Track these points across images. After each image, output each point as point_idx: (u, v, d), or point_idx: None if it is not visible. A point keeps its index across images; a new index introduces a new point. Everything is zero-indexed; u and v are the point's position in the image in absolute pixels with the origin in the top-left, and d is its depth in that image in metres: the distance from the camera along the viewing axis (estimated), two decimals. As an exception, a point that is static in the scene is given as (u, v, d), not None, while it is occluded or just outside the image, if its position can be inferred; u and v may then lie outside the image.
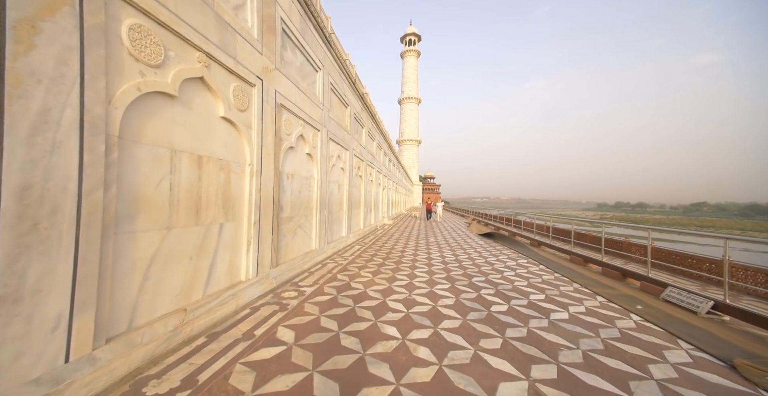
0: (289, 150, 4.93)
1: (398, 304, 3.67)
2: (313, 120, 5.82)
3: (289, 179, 4.98)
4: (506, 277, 5.11)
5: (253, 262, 3.74)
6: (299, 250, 5.42)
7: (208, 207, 3.03)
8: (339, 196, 8.13)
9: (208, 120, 3.04)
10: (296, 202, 5.27)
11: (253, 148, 3.74)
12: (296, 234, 5.28)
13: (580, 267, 6.15)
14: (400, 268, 5.67)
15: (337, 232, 7.93)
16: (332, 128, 7.12)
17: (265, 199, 4.02)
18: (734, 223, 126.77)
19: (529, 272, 5.55)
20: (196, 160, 2.85)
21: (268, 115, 4.08)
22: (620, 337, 2.93)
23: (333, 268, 5.54)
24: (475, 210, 22.90)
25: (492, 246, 8.87)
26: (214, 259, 3.13)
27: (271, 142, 4.19)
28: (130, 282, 2.21)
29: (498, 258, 6.92)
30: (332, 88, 7.15)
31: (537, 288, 4.51)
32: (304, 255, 5.53)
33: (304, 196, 5.60)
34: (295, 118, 5.05)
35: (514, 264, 6.28)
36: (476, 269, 5.69)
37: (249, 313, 3.24)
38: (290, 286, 4.26)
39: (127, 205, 2.18)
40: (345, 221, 8.61)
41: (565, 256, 7.37)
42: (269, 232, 4.13)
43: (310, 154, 5.81)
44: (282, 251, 4.72)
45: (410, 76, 62.13)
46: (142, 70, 2.26)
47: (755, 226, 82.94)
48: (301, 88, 5.24)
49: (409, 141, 60.64)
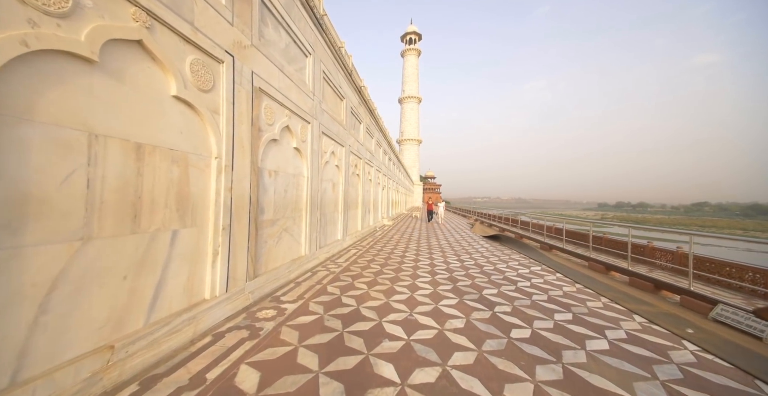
0: (271, 143, 4.28)
1: (397, 327, 3.01)
2: (302, 110, 5.17)
3: (272, 176, 4.33)
4: (522, 289, 4.44)
5: (221, 276, 3.09)
6: (285, 257, 4.77)
7: (154, 210, 2.37)
8: (333, 196, 7.48)
9: (154, 99, 2.38)
10: (281, 203, 4.61)
11: (221, 138, 3.09)
12: (281, 239, 4.63)
13: (601, 276, 5.49)
14: (399, 277, 5.01)
15: (331, 236, 7.27)
16: (325, 121, 6.47)
17: (239, 199, 3.37)
18: (736, 223, 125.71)
19: (546, 282, 4.89)
20: (134, 150, 2.20)
21: (242, 100, 3.42)
22: (683, 377, 2.27)
23: (324, 277, 4.88)
24: (477, 210, 22.22)
25: (499, 250, 8.21)
26: (164, 276, 2.48)
27: (247, 133, 3.53)
28: (13, 319, 1.56)
29: (508, 264, 6.25)
30: (325, 77, 6.50)
31: (560, 304, 3.85)
32: (291, 262, 4.87)
33: (291, 196, 4.95)
34: (278, 106, 4.39)
35: (527, 272, 5.62)
36: (485, 278, 5.03)
37: (209, 342, 2.58)
38: (270, 302, 3.61)
39: (6, 210, 1.52)
40: (340, 223, 7.95)
41: (581, 261, 6.70)
42: (244, 239, 3.48)
43: (298, 149, 5.16)
44: (262, 260, 4.07)
45: (411, 75, 61.47)
46: (33, 18, 1.60)
47: (757, 226, 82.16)
48: (287, 73, 4.58)
49: (409, 140, 59.97)
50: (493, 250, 8.07)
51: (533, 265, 6.20)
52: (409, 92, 60.62)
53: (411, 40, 62.52)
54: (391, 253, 7.35)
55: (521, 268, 5.95)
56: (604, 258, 6.63)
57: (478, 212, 21.46)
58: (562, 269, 5.82)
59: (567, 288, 4.60)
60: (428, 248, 8.20)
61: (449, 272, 5.42)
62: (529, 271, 5.66)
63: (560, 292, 4.35)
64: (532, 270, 5.76)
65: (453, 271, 5.56)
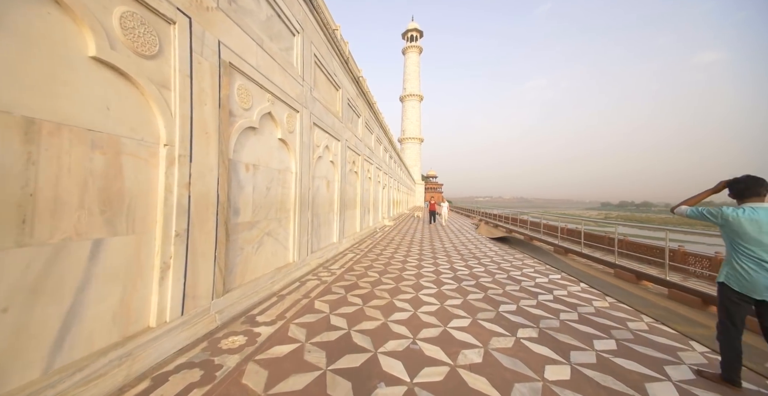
0: (248, 131, 3.61)
1: (396, 362, 2.34)
2: (289, 97, 4.50)
3: (250, 171, 3.67)
4: (545, 304, 3.77)
5: (174, 296, 2.43)
6: (268, 266, 4.11)
7: (59, 212, 1.72)
8: (328, 195, 6.81)
9: (57, 58, 1.72)
10: (263, 203, 3.96)
11: (172, 120, 2.42)
12: (263, 244, 3.97)
13: (632, 286, 4.80)
14: (400, 288, 4.34)
15: (325, 238, 6.61)
16: (318, 111, 5.80)
17: (201, 198, 2.71)
18: None
19: (572, 295, 4.21)
20: (19, 127, 1.54)
21: (205, 75, 2.76)
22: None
23: (313, 288, 4.22)
24: (481, 210, 21.51)
25: (509, 253, 7.52)
26: (78, 302, 1.82)
27: (213, 116, 2.87)
28: None
29: (523, 272, 5.57)
30: (317, 62, 5.83)
31: (595, 325, 3.17)
32: (276, 271, 4.22)
33: (275, 195, 4.29)
34: (257, 88, 3.73)
35: (545, 281, 4.93)
36: (499, 290, 4.35)
37: (145, 390, 1.92)
38: (242, 325, 2.95)
39: None
40: (336, 224, 7.29)
41: (604, 268, 6.01)
42: (209, 247, 2.82)
43: (284, 141, 4.49)
44: (237, 270, 3.41)
45: (412, 72, 60.69)
46: None
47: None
48: (268, 51, 3.92)
49: (411, 139, 59.23)
50: (503, 254, 7.38)
51: (551, 273, 5.52)
52: (411, 90, 59.85)
53: (412, 38, 61.72)
54: (391, 257, 6.68)
55: (538, 276, 5.26)
56: (635, 265, 5.93)
57: (482, 212, 20.75)
58: (586, 278, 5.13)
59: (598, 303, 3.91)
60: (432, 252, 7.53)
61: (457, 282, 4.75)
62: (548, 280, 4.97)
63: (591, 309, 3.66)
64: (551, 279, 5.07)
65: (461, 280, 4.88)
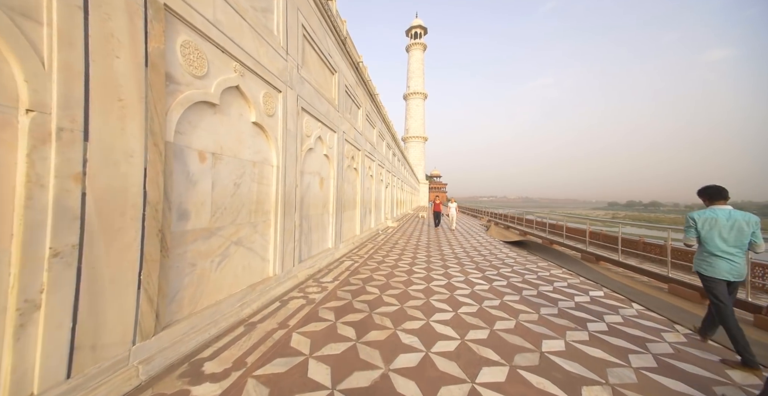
0: (202, 108, 2.71)
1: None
2: (266, 70, 3.60)
3: (207, 161, 2.76)
4: (599, 338, 2.81)
5: (55, 350, 1.54)
6: (237, 284, 3.21)
7: None
8: (322, 194, 5.91)
9: None
10: (228, 203, 3.05)
11: (43, 72, 1.53)
12: (229, 257, 3.07)
13: (697, 306, 3.81)
14: (406, 312, 3.41)
15: (318, 244, 5.71)
16: (308, 95, 4.89)
17: (109, 196, 1.81)
18: None
19: (629, 322, 3.24)
20: None
21: (117, 12, 1.85)
22: None
23: (294, 312, 3.30)
24: (489, 210, 20.44)
25: (531, 261, 6.54)
26: None
27: (134, 77, 1.96)
28: None
29: (554, 286, 4.60)
30: (306, 35, 4.91)
31: (684, 376, 2.21)
32: (249, 289, 3.32)
33: (247, 193, 3.38)
34: (216, 51, 2.82)
35: (587, 300, 3.96)
36: (534, 314, 3.40)
37: None
38: (178, 380, 2.04)
39: None
40: (332, 228, 6.38)
41: (651, 281, 5.02)
42: (128, 267, 1.92)
43: (260, 126, 3.59)
44: (183, 295, 2.51)
45: (416, 70, 59.65)
46: None
47: (781, 226, 78.48)
48: (233, 3, 3.01)
49: (415, 138, 58.21)
50: (524, 262, 6.41)
51: (589, 287, 4.54)
52: (415, 88, 58.84)
53: (416, 34, 60.69)
54: (395, 266, 5.75)
55: (576, 292, 4.29)
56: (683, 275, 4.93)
57: (490, 212, 19.69)
58: (636, 296, 4.15)
59: (669, 335, 2.94)
60: (441, 259, 6.57)
61: (477, 302, 3.80)
62: (590, 299, 4.00)
63: (666, 347, 2.70)
64: (593, 297, 4.10)
65: (481, 299, 3.93)
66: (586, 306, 3.73)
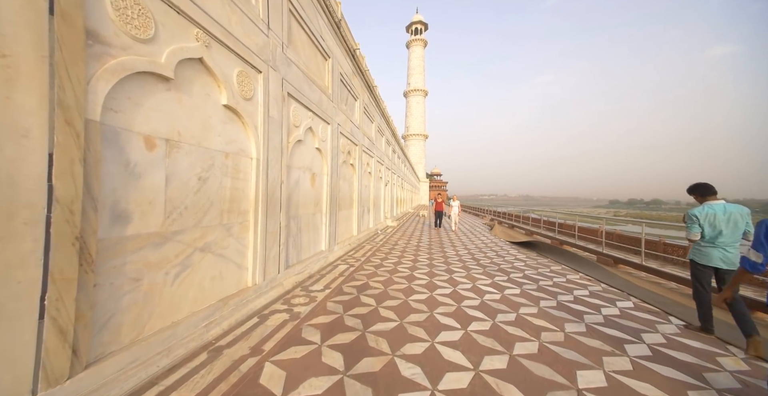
0: (147, 80, 2.15)
1: None
2: (240, 44, 3.04)
3: (158, 149, 2.21)
4: (643, 366, 2.27)
5: None
6: (203, 299, 2.67)
7: None
8: (314, 192, 5.36)
9: None
10: (191, 201, 2.51)
11: None
12: (192, 267, 2.53)
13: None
14: (407, 330, 2.86)
15: (309, 247, 5.17)
16: (295, 79, 4.34)
17: None
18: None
19: (673, 342, 2.69)
20: None
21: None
22: None
23: (273, 331, 2.76)
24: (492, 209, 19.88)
25: (542, 264, 6.00)
26: None
27: (20, 20, 1.41)
28: None
29: (574, 295, 4.05)
30: (293, 10, 4.34)
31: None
32: (221, 304, 2.78)
33: (217, 189, 2.84)
34: (162, 4, 2.25)
35: (615, 313, 3.42)
36: (558, 332, 2.85)
37: None
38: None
39: None
40: (325, 228, 5.84)
41: (677, 286, 4.47)
42: (23, 293, 1.38)
43: (233, 110, 3.04)
44: (121, 320, 1.96)
45: (416, 66, 58.90)
46: None
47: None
48: (195, -42, 2.45)
49: (415, 136, 57.57)
50: (536, 266, 5.86)
51: (617, 297, 3.98)
52: (415, 85, 58.13)
53: (417, 30, 59.89)
54: (394, 271, 5.21)
55: (603, 304, 3.74)
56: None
57: (493, 211, 19.13)
58: (672, 307, 3.60)
59: (726, 360, 2.40)
60: (445, 262, 6.03)
61: (489, 316, 3.25)
62: (620, 312, 3.46)
63: (729, 379, 2.16)
64: (623, 309, 3.55)
65: (494, 311, 3.39)
66: (616, 321, 3.19)
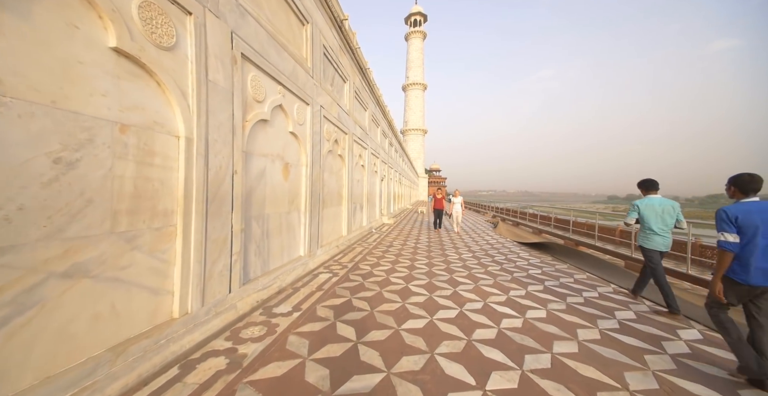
0: None
1: None
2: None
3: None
4: None
5: None
6: (71, 352, 1.70)
7: None
8: (288, 186, 4.38)
9: None
10: (33, 198, 1.53)
11: None
12: (33, 308, 1.55)
13: None
14: (396, 391, 1.91)
15: (281, 254, 4.20)
16: (254, 36, 3.32)
17: None
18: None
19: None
20: None
21: None
22: None
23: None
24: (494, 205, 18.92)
25: (562, 272, 5.05)
26: None
27: None
28: None
29: (617, 317, 3.09)
30: (251, -53, 3.31)
31: None
32: (110, 356, 1.81)
33: (104, 178, 1.85)
34: None
35: (682, 350, 2.48)
36: (621, 393, 1.91)
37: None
38: None
39: None
40: (304, 230, 4.88)
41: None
42: None
43: (135, 60, 2.03)
44: None
45: (415, 59, 57.46)
46: None
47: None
48: None
49: (414, 130, 56.38)
50: (555, 274, 4.92)
51: (678, 324, 3.04)
52: (414, 78, 56.78)
53: (416, 22, 58.33)
54: (385, 282, 4.25)
55: (662, 334, 2.78)
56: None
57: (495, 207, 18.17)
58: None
59: None
60: (447, 270, 5.08)
61: (514, 360, 2.28)
62: (690, 350, 2.51)
63: None
64: (691, 343, 2.61)
65: (519, 350, 2.43)
66: (695, 367, 2.24)
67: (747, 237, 2.01)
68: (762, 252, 1.96)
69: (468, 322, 2.98)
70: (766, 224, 1.99)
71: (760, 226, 1.99)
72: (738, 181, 2.20)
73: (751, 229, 2.01)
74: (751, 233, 2.01)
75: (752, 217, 2.02)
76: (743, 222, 2.03)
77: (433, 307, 3.38)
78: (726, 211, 2.11)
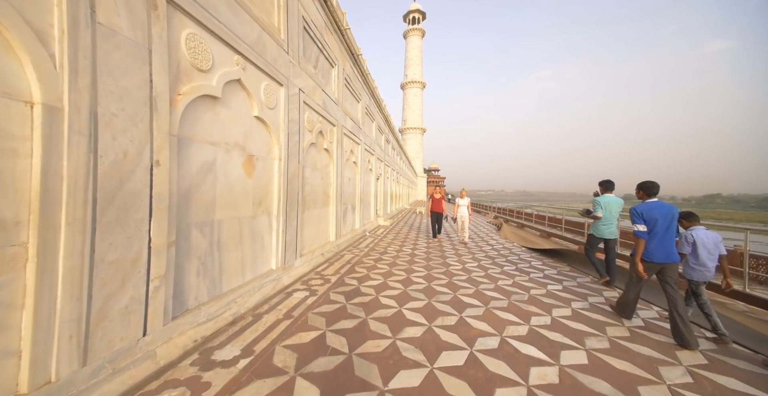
0: None
1: None
2: None
3: None
4: None
5: None
6: None
7: None
8: (253, 183, 3.50)
9: None
10: None
11: None
12: None
13: None
14: None
15: (241, 271, 3.32)
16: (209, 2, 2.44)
17: None
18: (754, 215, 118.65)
19: None
20: None
21: None
22: None
23: None
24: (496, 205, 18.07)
25: (585, 287, 4.20)
26: None
27: None
28: None
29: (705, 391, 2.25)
30: None
31: None
32: None
33: None
34: None
35: None
36: None
37: None
38: None
39: None
40: (276, 237, 4.00)
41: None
42: None
43: None
44: None
45: (414, 57, 56.55)
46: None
47: (782, 219, 76.93)
48: None
49: (412, 129, 55.49)
50: (576, 289, 4.06)
51: (748, 359, 2.19)
52: (413, 76, 55.87)
53: (414, 20, 57.44)
54: (374, 305, 3.37)
55: None
56: None
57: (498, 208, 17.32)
58: None
59: None
60: (450, 286, 4.20)
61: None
62: None
63: None
64: None
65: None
66: None
67: (649, 227, 2.81)
68: (659, 238, 2.77)
69: (483, 373, 2.11)
70: (663, 218, 2.78)
71: (658, 219, 2.78)
72: (644, 187, 3.03)
73: (652, 222, 2.80)
74: (653, 224, 2.80)
75: (653, 213, 2.82)
76: (648, 216, 2.83)
77: (434, 345, 2.51)
78: (636, 209, 2.92)
